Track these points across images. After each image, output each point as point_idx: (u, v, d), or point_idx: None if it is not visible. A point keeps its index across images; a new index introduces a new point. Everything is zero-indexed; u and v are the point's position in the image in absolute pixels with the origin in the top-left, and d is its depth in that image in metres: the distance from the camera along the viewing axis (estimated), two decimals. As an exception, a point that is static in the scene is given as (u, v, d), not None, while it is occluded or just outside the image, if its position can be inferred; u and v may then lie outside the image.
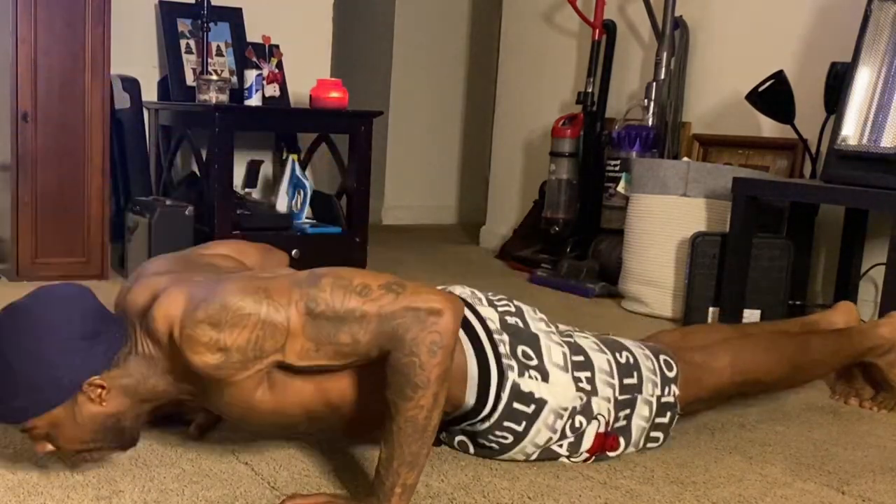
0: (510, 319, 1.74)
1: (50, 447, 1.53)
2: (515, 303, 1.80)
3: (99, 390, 1.49)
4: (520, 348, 1.71)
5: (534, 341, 1.73)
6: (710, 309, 3.05)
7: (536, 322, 1.77)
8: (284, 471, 1.67)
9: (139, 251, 3.36)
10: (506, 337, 1.71)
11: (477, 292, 1.78)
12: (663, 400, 1.83)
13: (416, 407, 1.42)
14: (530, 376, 1.69)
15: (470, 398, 1.67)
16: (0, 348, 1.45)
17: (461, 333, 1.68)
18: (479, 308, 1.73)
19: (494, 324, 1.71)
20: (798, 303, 3.08)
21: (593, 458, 1.78)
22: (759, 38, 3.58)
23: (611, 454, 1.80)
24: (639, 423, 1.81)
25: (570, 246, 3.99)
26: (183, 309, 1.45)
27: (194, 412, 1.86)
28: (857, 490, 1.73)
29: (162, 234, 3.25)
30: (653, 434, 1.85)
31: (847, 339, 2.16)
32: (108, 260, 3.43)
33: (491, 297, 1.78)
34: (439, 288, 1.77)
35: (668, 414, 1.85)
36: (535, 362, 1.71)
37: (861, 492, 1.72)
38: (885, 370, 2.19)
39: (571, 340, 1.79)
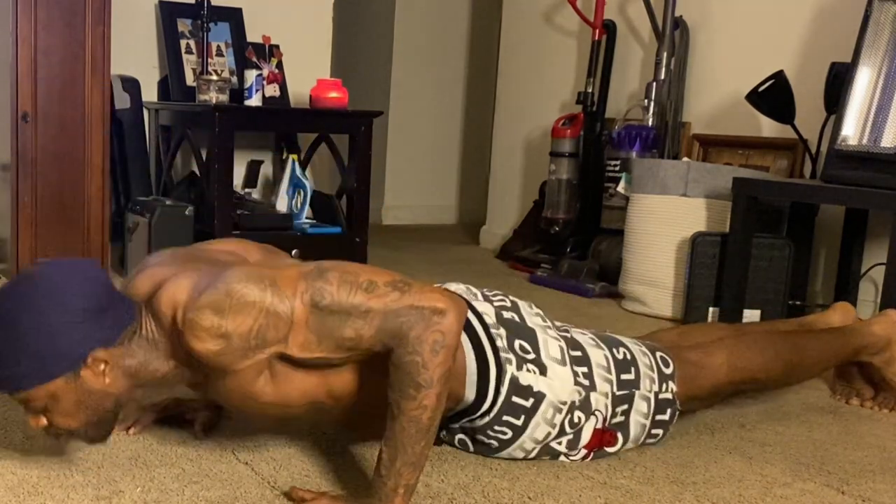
0: (506, 314, 1.74)
1: (44, 421, 1.52)
2: (511, 298, 1.80)
3: (102, 365, 1.48)
4: (517, 342, 1.71)
5: (531, 335, 1.73)
6: (710, 309, 3.05)
7: (532, 317, 1.77)
8: (284, 471, 1.67)
9: (139, 251, 3.35)
10: (503, 331, 1.71)
11: (472, 288, 1.79)
12: (661, 396, 1.83)
13: (419, 407, 1.42)
14: (528, 370, 1.69)
15: (469, 393, 1.67)
16: (9, 313, 1.45)
17: None
18: (475, 303, 1.73)
19: (491, 318, 1.72)
20: (798, 303, 3.08)
21: (591, 454, 1.78)
22: (759, 38, 3.58)
23: (609, 450, 1.80)
24: (637, 419, 1.81)
25: (570, 246, 3.99)
26: (188, 294, 1.45)
27: (195, 412, 1.86)
28: (857, 490, 1.73)
29: (162, 234, 3.25)
30: (653, 431, 1.85)
31: (841, 338, 2.17)
32: (109, 260, 3.43)
33: (486, 293, 1.78)
34: (436, 286, 1.78)
35: (668, 411, 1.85)
36: (532, 356, 1.71)
37: (861, 492, 1.72)
38: (882, 369, 2.19)
39: (568, 335, 1.80)
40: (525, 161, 4.70)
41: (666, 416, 1.85)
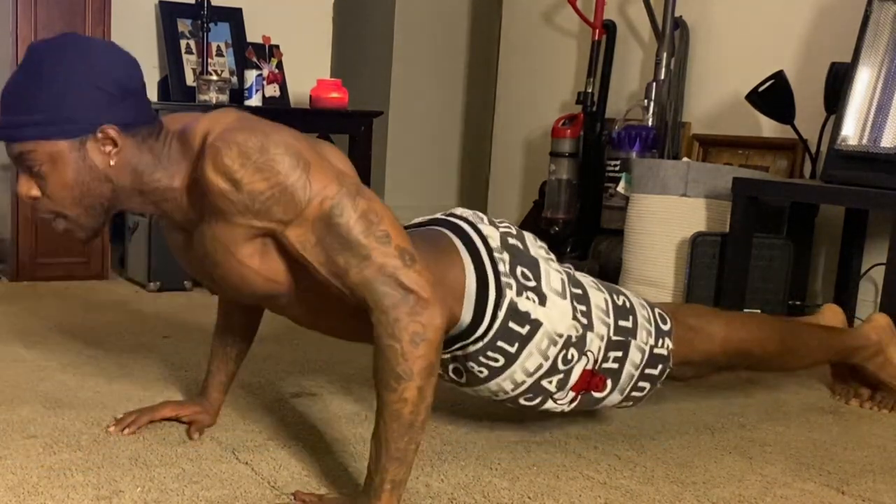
0: (511, 240, 1.73)
1: (35, 192, 1.49)
2: (517, 227, 1.79)
3: (110, 146, 1.47)
4: (519, 269, 1.69)
5: (533, 264, 1.71)
6: (710, 309, 3.05)
7: (537, 248, 1.76)
8: (284, 471, 1.67)
9: (139, 251, 3.35)
10: (506, 256, 1.69)
11: (479, 213, 1.77)
12: (656, 351, 1.82)
13: (399, 400, 1.39)
14: (528, 297, 1.67)
15: (466, 315, 1.65)
16: (42, 60, 1.44)
17: (461, 248, 1.68)
18: (480, 226, 1.72)
19: (495, 241, 1.70)
20: (798, 303, 3.08)
21: (578, 397, 1.77)
22: (759, 38, 3.58)
23: (595, 395, 1.78)
24: (629, 369, 1.80)
25: (570, 246, 3.99)
26: (228, 125, 1.45)
27: (192, 415, 1.85)
28: (857, 490, 1.73)
29: (162, 234, 3.25)
30: (640, 384, 1.83)
31: (836, 334, 2.19)
32: (109, 260, 3.43)
33: (493, 219, 1.77)
34: (440, 215, 1.79)
35: (660, 366, 1.83)
36: (533, 284, 1.69)
37: (861, 492, 1.72)
38: (877, 372, 2.20)
39: (571, 272, 1.79)
40: (525, 161, 4.70)
41: (656, 371, 1.83)
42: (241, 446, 1.78)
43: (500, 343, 1.67)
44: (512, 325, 1.66)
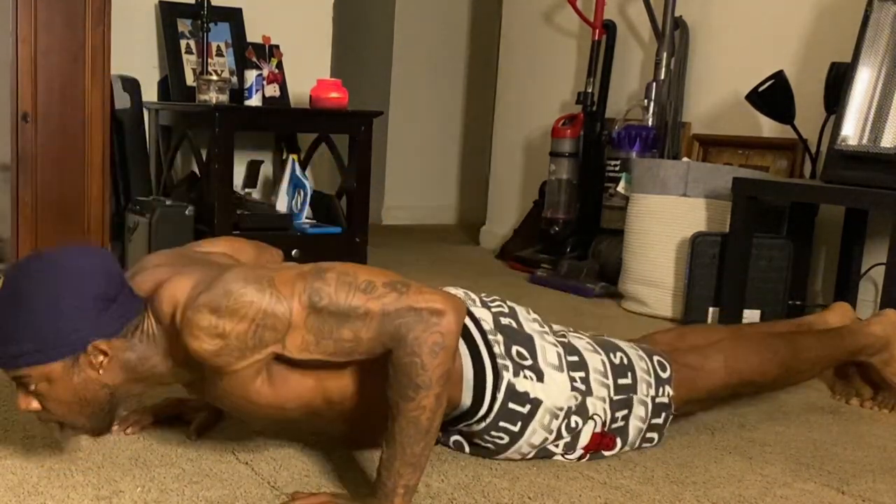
0: (504, 320, 1.74)
1: (35, 405, 1.51)
2: (509, 304, 1.80)
3: (101, 357, 1.48)
4: (514, 348, 1.71)
5: (528, 342, 1.73)
6: (710, 309, 3.05)
7: (530, 323, 1.78)
8: (284, 471, 1.67)
9: (139, 251, 3.35)
10: (500, 337, 1.71)
11: (470, 293, 1.79)
12: (658, 400, 1.84)
13: (417, 408, 1.42)
14: (525, 376, 1.69)
15: (466, 399, 1.67)
16: (20, 289, 1.45)
17: None
18: (472, 309, 1.73)
19: (489, 324, 1.72)
20: (798, 303, 3.08)
21: (588, 456, 1.78)
22: (759, 38, 3.58)
23: (606, 453, 1.80)
24: (636, 423, 1.82)
25: (570, 246, 3.99)
26: (187, 293, 1.46)
27: (194, 412, 1.86)
28: (857, 490, 1.73)
29: (162, 234, 3.25)
30: (648, 435, 1.85)
31: (839, 338, 2.17)
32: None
33: (484, 299, 1.78)
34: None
35: (663, 415, 1.85)
36: (529, 362, 1.71)
37: (861, 492, 1.72)
38: (881, 369, 2.19)
39: (566, 341, 1.79)
40: (525, 161, 4.70)
41: (660, 420, 1.85)
42: (241, 446, 1.78)
43: (502, 423, 1.69)
44: (512, 405, 1.69)
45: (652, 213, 3.25)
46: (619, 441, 1.81)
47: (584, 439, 1.76)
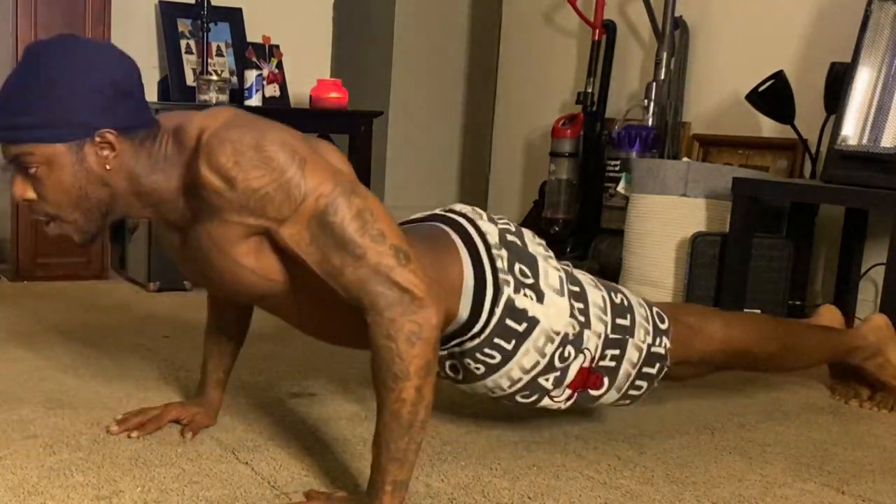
0: (509, 237, 1.73)
1: (31, 193, 1.48)
2: (516, 224, 1.79)
3: (107, 151, 1.46)
4: (517, 265, 1.69)
5: (532, 261, 1.71)
6: (710, 309, 3.05)
7: (535, 245, 1.76)
8: (284, 471, 1.67)
9: (139, 251, 3.36)
10: (504, 252, 1.69)
11: (478, 209, 1.77)
12: (653, 349, 1.81)
13: (398, 400, 1.39)
14: (526, 294, 1.67)
15: (464, 311, 1.65)
16: (40, 61, 1.43)
17: (459, 244, 1.68)
18: (479, 223, 1.72)
19: (493, 238, 1.70)
20: (798, 303, 3.08)
21: (576, 395, 1.77)
22: (759, 38, 3.58)
23: (593, 392, 1.78)
24: (626, 367, 1.79)
25: (570, 246, 3.99)
26: (223, 122, 1.44)
27: (192, 416, 1.85)
28: (857, 490, 1.73)
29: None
30: (637, 382, 1.83)
31: (834, 335, 2.19)
32: (108, 260, 3.43)
33: (492, 216, 1.77)
34: (438, 211, 1.79)
35: (657, 365, 1.83)
36: (531, 281, 1.69)
37: (861, 492, 1.72)
38: (876, 373, 2.20)
39: (569, 270, 1.79)
40: (525, 161, 4.70)
41: (653, 370, 1.83)
42: (241, 446, 1.78)
43: (496, 340, 1.67)
44: (509, 322, 1.66)
45: (652, 213, 3.25)
46: (606, 381, 1.78)
47: (572, 374, 1.73)
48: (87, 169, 1.46)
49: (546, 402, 1.76)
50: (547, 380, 1.73)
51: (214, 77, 3.52)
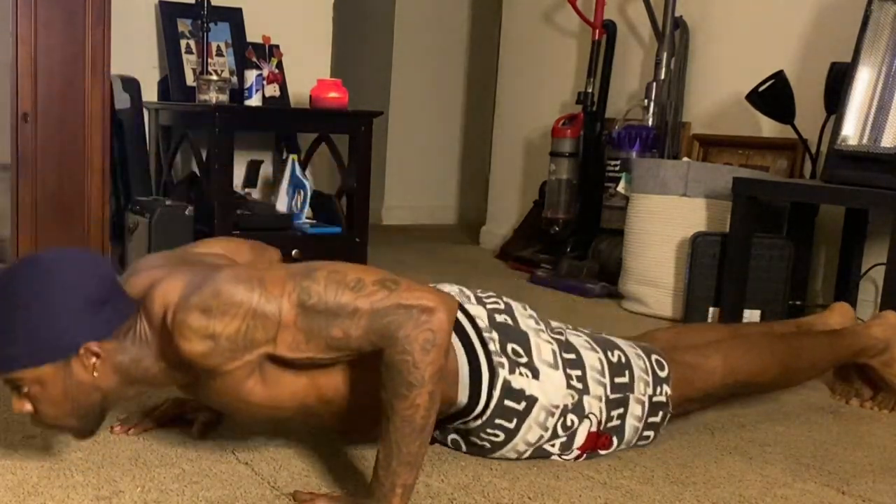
0: (499, 317, 1.74)
1: (28, 407, 1.52)
2: (505, 300, 1.80)
3: (94, 359, 1.49)
4: (510, 346, 1.71)
5: (523, 339, 1.73)
6: (710, 309, 3.05)
7: (526, 319, 1.77)
8: (284, 471, 1.67)
9: (139, 251, 3.35)
10: (495, 335, 1.70)
11: (465, 290, 1.78)
12: (655, 399, 1.83)
13: (411, 406, 1.41)
14: (521, 373, 1.69)
15: (462, 397, 1.67)
16: (13, 291, 1.45)
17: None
18: (467, 306, 1.73)
19: (483, 322, 1.71)
20: (798, 303, 3.08)
21: (584, 455, 1.78)
22: (759, 38, 3.58)
23: (602, 452, 1.80)
24: (632, 422, 1.81)
25: (570, 246, 3.99)
26: (179, 294, 1.46)
27: (196, 412, 1.86)
28: (857, 490, 1.73)
29: (162, 234, 3.25)
30: (645, 433, 1.85)
31: (840, 340, 2.17)
32: (108, 260, 3.43)
33: (480, 295, 1.78)
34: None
35: (660, 413, 1.85)
36: (525, 360, 1.70)
37: (861, 492, 1.72)
38: (881, 370, 2.20)
39: (562, 338, 1.79)
40: (525, 161, 4.70)
41: (657, 419, 1.85)
42: (241, 446, 1.78)
43: (498, 420, 1.69)
44: (508, 402, 1.68)
45: (652, 213, 3.25)
46: (615, 440, 1.81)
47: (580, 439, 1.76)
48: (76, 381, 1.50)
49: (556, 458, 1.79)
50: (553, 445, 1.76)
51: (214, 77, 3.52)
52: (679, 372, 1.88)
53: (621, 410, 1.79)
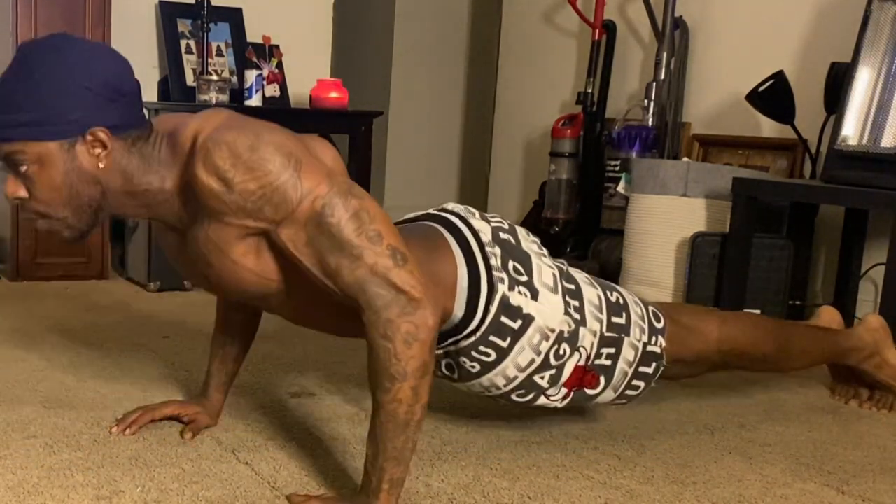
0: (503, 235, 1.73)
1: (23, 192, 1.48)
2: (509, 222, 1.79)
3: (100, 149, 1.46)
4: (511, 263, 1.69)
5: (525, 259, 1.71)
6: (710, 309, 3.05)
7: (529, 243, 1.76)
8: (284, 471, 1.68)
9: (139, 251, 3.36)
10: (497, 250, 1.69)
11: (471, 208, 1.78)
12: (649, 348, 1.81)
13: (394, 400, 1.40)
14: (520, 292, 1.67)
15: (458, 310, 1.65)
16: (32, 57, 1.44)
17: (452, 243, 1.69)
18: (472, 221, 1.72)
19: (487, 236, 1.70)
20: (798, 303, 3.08)
21: (571, 394, 1.77)
22: (759, 38, 3.58)
23: (589, 392, 1.78)
24: (622, 366, 1.79)
25: (570, 246, 3.99)
26: (219, 124, 1.45)
27: (191, 414, 1.85)
28: (857, 490, 1.73)
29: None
30: (634, 382, 1.82)
31: (830, 335, 2.19)
32: (108, 260, 3.43)
33: (485, 214, 1.77)
34: (431, 210, 1.78)
35: (654, 364, 1.83)
36: (525, 279, 1.69)
37: (861, 492, 1.72)
38: (875, 373, 2.20)
39: (563, 268, 1.78)
40: (525, 161, 4.70)
41: (650, 370, 1.83)
42: (241, 446, 1.78)
43: (492, 338, 1.67)
44: (504, 319, 1.66)
45: (652, 213, 3.25)
46: (602, 380, 1.78)
47: (568, 372, 1.73)
48: (78, 167, 1.46)
49: (542, 400, 1.76)
50: (542, 378, 1.72)
51: (214, 77, 3.52)
52: (675, 330, 1.87)
53: (613, 350, 1.77)
